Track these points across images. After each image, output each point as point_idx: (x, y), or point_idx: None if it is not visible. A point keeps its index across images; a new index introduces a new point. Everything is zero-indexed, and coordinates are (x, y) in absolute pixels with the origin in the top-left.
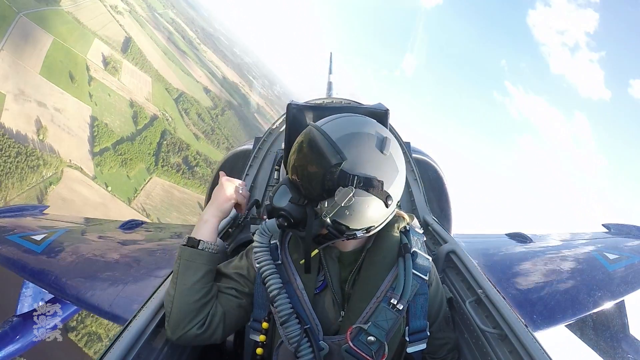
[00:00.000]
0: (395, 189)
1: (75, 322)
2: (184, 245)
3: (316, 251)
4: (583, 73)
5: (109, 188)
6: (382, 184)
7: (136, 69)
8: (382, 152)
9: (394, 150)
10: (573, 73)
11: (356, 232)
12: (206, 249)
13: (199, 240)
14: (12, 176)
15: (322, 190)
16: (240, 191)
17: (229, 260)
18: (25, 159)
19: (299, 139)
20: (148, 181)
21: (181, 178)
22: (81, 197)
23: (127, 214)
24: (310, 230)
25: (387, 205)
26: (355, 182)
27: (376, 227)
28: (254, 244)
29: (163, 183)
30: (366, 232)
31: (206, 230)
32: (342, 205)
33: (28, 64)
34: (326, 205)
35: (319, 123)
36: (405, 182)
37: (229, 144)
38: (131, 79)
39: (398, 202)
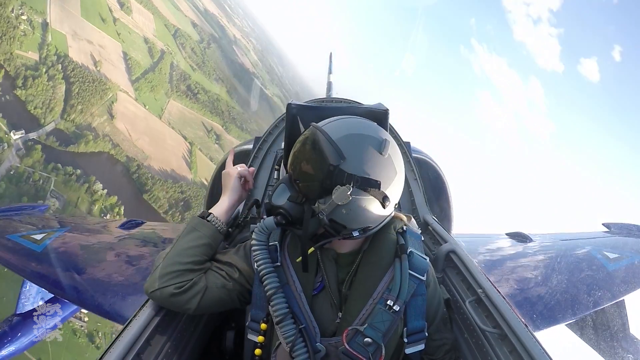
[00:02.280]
0: (393, 190)
1: None
2: (196, 216)
3: (312, 249)
4: (542, 44)
5: (147, 107)
6: (380, 184)
7: (141, 7)
8: (380, 154)
9: (393, 152)
10: (533, 43)
11: (352, 231)
12: (213, 222)
13: (210, 213)
14: (93, 96)
15: (321, 188)
16: (240, 168)
17: (225, 250)
18: (98, 84)
19: (300, 138)
20: (167, 103)
21: (189, 102)
22: (131, 112)
23: (160, 126)
24: (307, 228)
25: (384, 206)
26: (352, 181)
27: (373, 228)
28: (252, 242)
29: (177, 105)
30: (363, 233)
31: (219, 209)
32: (340, 204)
33: (71, 8)
34: (324, 204)
35: (320, 124)
36: (405, 182)
37: (217, 76)
38: (139, 16)
39: (396, 204)
